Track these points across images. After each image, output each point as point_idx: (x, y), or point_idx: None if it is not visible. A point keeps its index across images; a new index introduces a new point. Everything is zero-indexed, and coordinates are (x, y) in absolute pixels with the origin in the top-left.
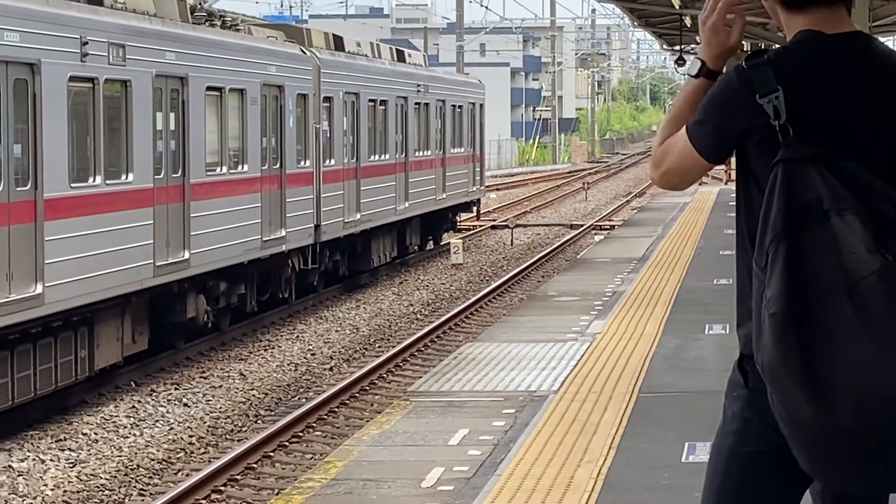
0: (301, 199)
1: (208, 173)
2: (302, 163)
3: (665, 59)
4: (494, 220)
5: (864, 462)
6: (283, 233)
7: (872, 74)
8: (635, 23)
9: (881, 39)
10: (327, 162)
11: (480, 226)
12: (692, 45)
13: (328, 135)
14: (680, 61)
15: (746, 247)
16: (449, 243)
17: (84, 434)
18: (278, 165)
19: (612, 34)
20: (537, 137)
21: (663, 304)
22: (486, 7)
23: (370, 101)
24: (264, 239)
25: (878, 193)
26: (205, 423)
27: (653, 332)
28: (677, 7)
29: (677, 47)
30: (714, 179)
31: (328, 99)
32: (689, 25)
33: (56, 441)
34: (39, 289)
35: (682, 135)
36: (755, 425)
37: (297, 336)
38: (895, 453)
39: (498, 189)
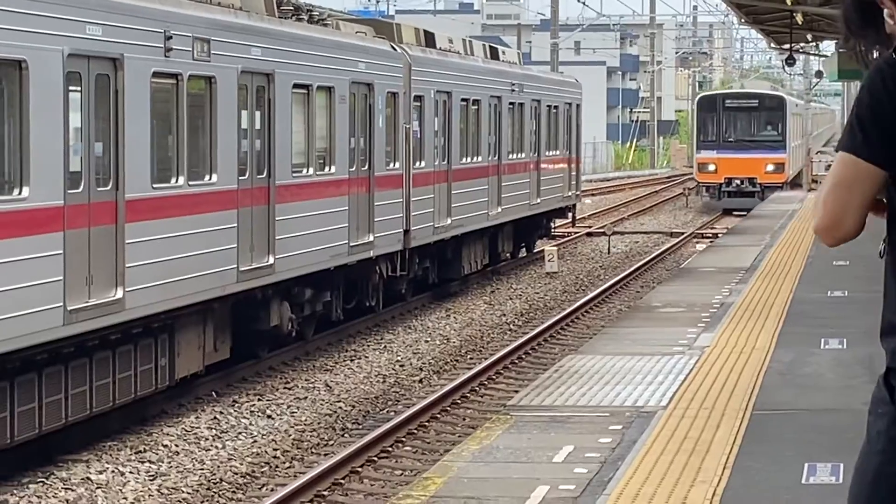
0: (390, 203)
1: (294, 175)
2: (391, 165)
3: (770, 58)
4: (590, 227)
5: None
6: (371, 238)
7: None
8: (742, 20)
9: None
10: (417, 164)
11: (575, 233)
12: (802, 45)
13: (418, 135)
14: (790, 60)
15: None
16: (543, 251)
17: (164, 446)
18: (367, 167)
19: (714, 32)
20: (635, 140)
21: (774, 317)
22: (583, 3)
23: (462, 100)
24: (351, 244)
25: None
26: (289, 435)
27: (765, 346)
28: (789, 3)
29: (786, 46)
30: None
31: (419, 98)
32: (799, 23)
33: (136, 452)
34: (120, 293)
35: (837, 158)
36: None
37: (385, 346)
38: None
39: (593, 194)
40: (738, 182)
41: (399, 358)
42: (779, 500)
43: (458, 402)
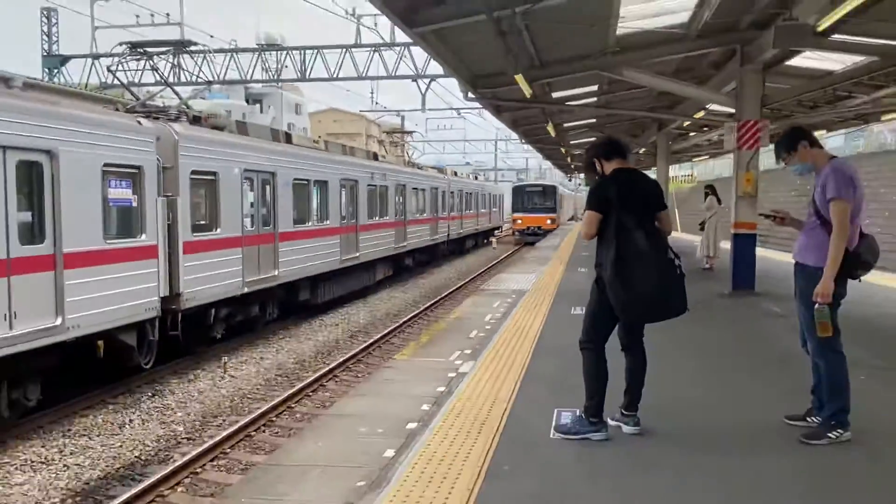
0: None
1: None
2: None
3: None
4: (506, 235)
5: (645, 310)
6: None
7: (644, 182)
8: (547, 161)
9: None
10: (445, 214)
11: (502, 235)
12: (572, 170)
13: (451, 204)
14: (570, 178)
15: (603, 241)
16: (490, 241)
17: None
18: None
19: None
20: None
21: (563, 265)
22: (505, 161)
23: (465, 192)
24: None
25: (645, 224)
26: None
27: (558, 274)
28: (564, 153)
29: (568, 173)
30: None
31: (452, 192)
32: (569, 161)
33: (365, 304)
34: (357, 254)
35: (587, 214)
36: (603, 300)
37: (435, 274)
38: (658, 307)
39: (507, 223)
40: (533, 228)
41: (437, 280)
42: (563, 319)
43: (462, 289)
